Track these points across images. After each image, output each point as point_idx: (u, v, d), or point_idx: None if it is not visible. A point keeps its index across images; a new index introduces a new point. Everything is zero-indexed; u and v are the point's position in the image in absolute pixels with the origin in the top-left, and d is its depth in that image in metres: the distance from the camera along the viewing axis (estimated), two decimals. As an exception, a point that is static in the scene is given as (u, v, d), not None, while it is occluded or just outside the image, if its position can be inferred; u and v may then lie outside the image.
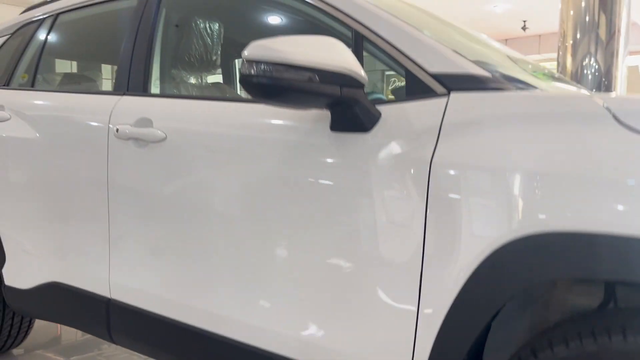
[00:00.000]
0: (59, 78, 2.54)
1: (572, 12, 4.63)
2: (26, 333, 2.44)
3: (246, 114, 1.50)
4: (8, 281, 2.14)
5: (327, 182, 1.30)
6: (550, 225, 1.01)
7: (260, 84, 1.19)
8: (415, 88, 1.28)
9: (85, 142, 1.84)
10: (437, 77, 1.25)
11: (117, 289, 1.77)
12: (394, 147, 1.22)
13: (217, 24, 2.10)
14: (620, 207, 0.96)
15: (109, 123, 1.77)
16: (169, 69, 1.96)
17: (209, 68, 2.05)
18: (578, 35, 4.58)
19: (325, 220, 1.31)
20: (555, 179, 1.02)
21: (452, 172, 1.13)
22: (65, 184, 1.91)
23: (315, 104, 1.25)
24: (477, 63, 1.28)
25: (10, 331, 2.34)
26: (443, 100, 1.21)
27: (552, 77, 1.88)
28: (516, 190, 1.06)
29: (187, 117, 1.61)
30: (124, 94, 1.83)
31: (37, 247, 2.02)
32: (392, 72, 1.66)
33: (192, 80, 1.98)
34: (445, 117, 1.18)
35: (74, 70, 3.13)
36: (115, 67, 2.02)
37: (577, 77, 4.60)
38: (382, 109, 1.28)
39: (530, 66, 1.91)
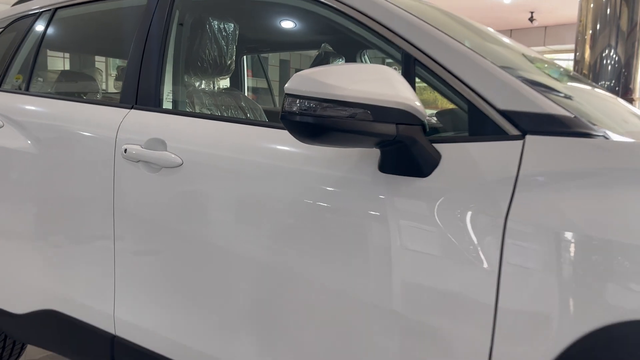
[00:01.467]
0: (55, 77, 2.33)
1: (592, 5, 4.49)
2: (19, 355, 2.26)
3: (276, 141, 1.32)
4: (0, 304, 1.96)
5: (374, 232, 1.12)
6: None
7: (304, 123, 1.00)
8: (481, 126, 1.10)
9: (88, 160, 1.65)
10: (508, 116, 1.07)
11: (123, 326, 1.59)
12: (458, 199, 1.04)
13: (234, 26, 1.90)
14: None
15: (115, 141, 1.58)
16: (183, 81, 1.76)
17: (228, 79, 1.85)
18: (598, 27, 4.44)
19: (368, 271, 1.13)
20: None
21: (532, 236, 0.95)
22: (64, 204, 1.72)
23: (366, 143, 1.07)
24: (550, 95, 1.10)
25: (2, 353, 2.16)
26: (517, 144, 1.03)
27: (570, 76, 1.70)
28: (614, 268, 0.89)
29: (207, 141, 1.42)
30: (132, 108, 1.63)
31: (31, 271, 1.83)
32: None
33: (211, 96, 1.79)
34: (522, 165, 1.00)
35: (66, 67, 2.92)
36: (115, 64, 1.81)
37: (596, 69, 4.50)
38: (442, 148, 1.10)
39: (546, 65, 1.72)
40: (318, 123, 0.99)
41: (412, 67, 1.20)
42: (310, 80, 1.00)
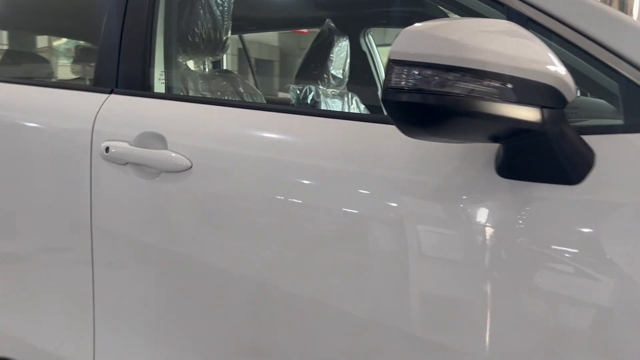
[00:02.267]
0: None
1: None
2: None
3: (326, 135, 0.96)
4: None
5: (498, 262, 0.79)
6: None
7: (420, 105, 0.65)
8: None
9: (54, 164, 1.24)
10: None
11: (107, 383, 1.20)
12: (632, 217, 0.72)
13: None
14: None
15: (91, 136, 1.18)
16: (182, 55, 1.37)
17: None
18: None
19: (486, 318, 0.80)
20: None
21: None
22: (23, 221, 1.31)
23: (484, 135, 0.73)
24: None
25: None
26: None
27: None
28: None
29: (225, 135, 1.04)
30: (112, 92, 1.23)
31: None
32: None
33: (203, 78, 1.41)
34: None
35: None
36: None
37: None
38: (592, 142, 0.77)
39: None
40: (442, 105, 0.64)
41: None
42: (429, 37, 0.64)
